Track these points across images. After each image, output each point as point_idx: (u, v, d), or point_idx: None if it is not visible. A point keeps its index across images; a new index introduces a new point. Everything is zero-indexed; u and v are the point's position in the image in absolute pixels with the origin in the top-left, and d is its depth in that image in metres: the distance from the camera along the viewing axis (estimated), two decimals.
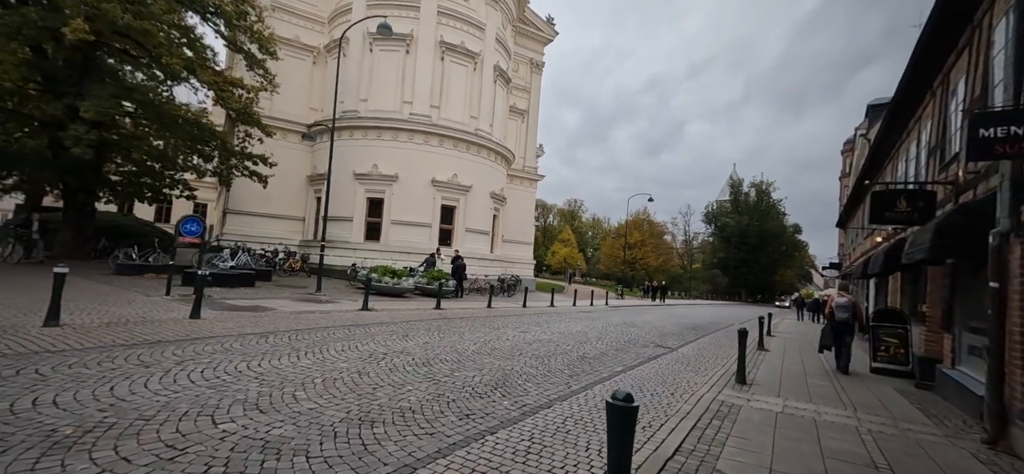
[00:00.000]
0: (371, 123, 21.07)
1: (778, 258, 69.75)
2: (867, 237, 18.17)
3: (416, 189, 21.22)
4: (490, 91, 23.83)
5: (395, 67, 21.49)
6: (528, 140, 30.87)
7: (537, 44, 30.94)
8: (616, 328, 13.40)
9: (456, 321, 11.17)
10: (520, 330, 10.56)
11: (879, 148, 14.04)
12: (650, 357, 8.93)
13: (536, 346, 8.60)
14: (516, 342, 8.79)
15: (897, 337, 9.44)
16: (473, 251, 22.64)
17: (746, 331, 7.46)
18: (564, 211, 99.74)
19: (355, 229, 20.94)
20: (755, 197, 72.88)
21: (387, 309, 12.14)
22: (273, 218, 22.24)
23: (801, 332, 19.68)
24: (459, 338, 8.53)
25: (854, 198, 22.09)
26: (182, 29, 12.74)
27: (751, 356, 10.26)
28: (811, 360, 10.73)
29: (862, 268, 13.67)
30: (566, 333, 10.99)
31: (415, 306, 13.47)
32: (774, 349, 12.21)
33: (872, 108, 31.78)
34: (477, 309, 14.85)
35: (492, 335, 9.36)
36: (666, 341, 11.74)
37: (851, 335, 9.48)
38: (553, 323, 12.93)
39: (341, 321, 9.26)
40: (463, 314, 12.99)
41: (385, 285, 15.84)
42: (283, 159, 22.30)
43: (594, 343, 9.83)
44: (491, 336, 9.21)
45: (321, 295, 13.63)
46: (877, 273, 10.90)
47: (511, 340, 8.95)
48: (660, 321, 17.59)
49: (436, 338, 8.25)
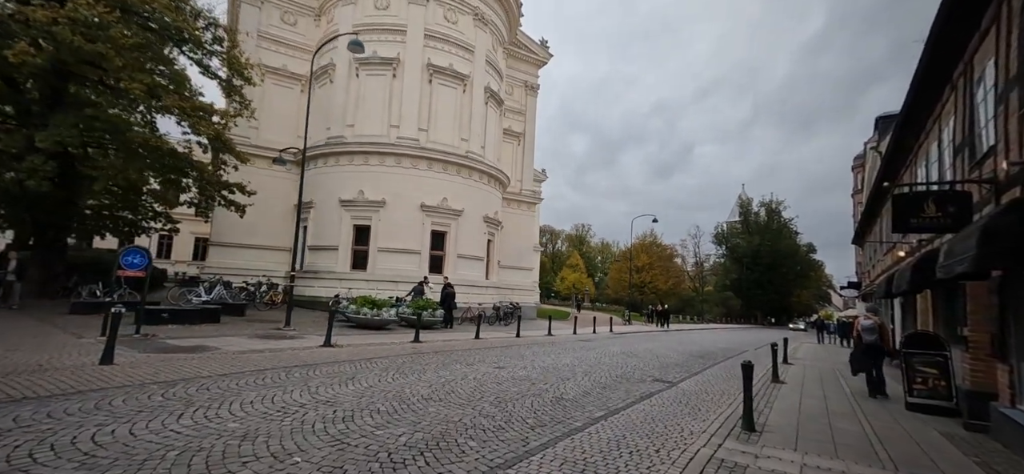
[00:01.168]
0: (356, 148, 20.41)
1: (793, 278, 67.34)
2: (888, 251, 16.72)
3: (404, 215, 20.34)
4: (481, 113, 23.17)
5: (382, 91, 20.96)
6: (525, 162, 30.08)
7: (531, 66, 30.52)
8: (612, 359, 12.08)
9: (428, 356, 9.99)
10: (497, 365, 9.34)
11: (893, 156, 12.85)
12: (643, 396, 7.64)
13: (506, 386, 7.37)
14: (483, 382, 7.57)
15: (936, 367, 8.02)
16: (466, 278, 21.54)
17: (751, 365, 6.18)
18: (572, 236, 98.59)
19: (341, 258, 20.02)
20: (765, 217, 71.09)
21: (355, 344, 11.01)
22: (258, 249, 21.45)
23: (822, 358, 18.03)
24: (416, 379, 7.35)
25: (870, 211, 20.68)
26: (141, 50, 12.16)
27: (763, 391, 8.89)
28: (835, 394, 9.30)
29: (886, 286, 12.27)
30: (551, 367, 9.73)
31: (390, 340, 12.32)
32: (791, 380, 10.78)
33: (882, 120, 30.58)
34: (461, 341, 13.64)
35: (459, 373, 8.16)
36: (667, 374, 10.39)
37: (881, 358, 9.33)
38: (541, 355, 11.67)
39: (288, 362, 8.15)
40: (442, 347, 11.79)
41: (364, 317, 14.75)
42: (270, 188, 21.70)
43: (579, 379, 8.56)
44: (457, 374, 8.01)
45: (289, 330, 12.57)
46: (904, 291, 9.55)
47: (478, 379, 7.73)
48: (665, 349, 16.16)
49: (386, 380, 7.08)
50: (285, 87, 22.54)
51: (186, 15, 13.87)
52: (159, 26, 13.26)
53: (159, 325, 11.21)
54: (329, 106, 21.42)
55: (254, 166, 21.42)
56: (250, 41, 21.65)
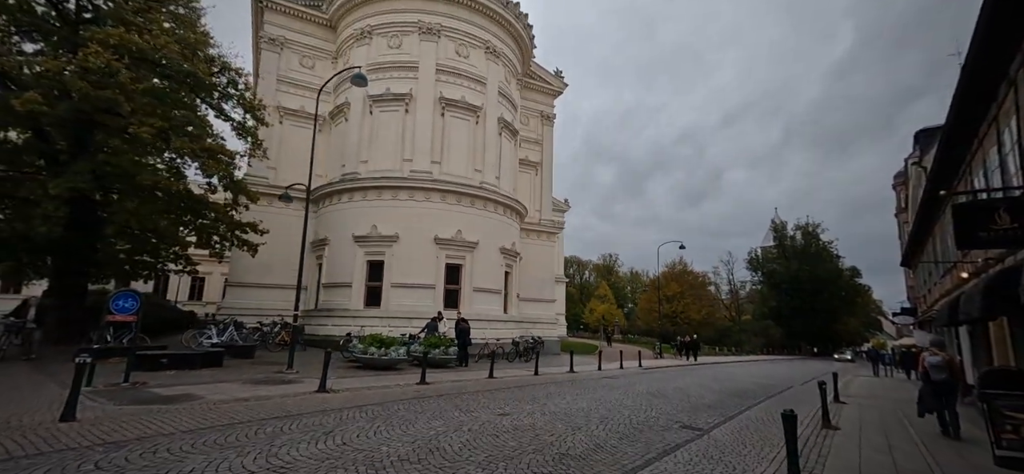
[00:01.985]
0: (370, 184, 20.30)
1: (838, 305, 63.09)
2: (947, 273, 14.94)
3: (418, 249, 19.89)
4: (495, 143, 22.85)
5: (395, 127, 20.98)
6: (543, 192, 29.47)
7: (547, 96, 30.33)
8: (636, 401, 10.87)
9: (429, 401, 9.13)
10: (501, 412, 8.38)
11: (942, 168, 11.46)
12: (666, 449, 6.53)
13: (504, 439, 6.43)
14: (479, 434, 6.65)
15: None
16: (483, 313, 20.72)
17: (794, 417, 5.06)
18: (599, 266, 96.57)
19: (354, 295, 19.62)
20: (802, 240, 67.60)
21: (354, 388, 10.29)
22: (275, 288, 21.36)
23: (879, 394, 16.03)
24: (402, 432, 6.50)
25: (919, 229, 18.84)
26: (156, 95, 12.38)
27: (812, 441, 7.57)
28: (902, 443, 7.85)
29: (949, 313, 10.70)
30: (563, 412, 8.69)
31: (396, 382, 11.54)
32: (846, 423, 9.30)
33: (922, 134, 28.65)
34: (472, 381, 12.72)
35: (454, 422, 7.26)
36: (697, 418, 9.14)
37: (954, 397, 8.63)
38: (556, 397, 10.60)
39: (269, 412, 7.48)
40: (448, 390, 10.91)
41: (371, 356, 14.08)
42: (287, 228, 21.75)
43: (593, 428, 7.49)
44: (452, 424, 7.12)
45: (290, 373, 12.00)
46: (973, 319, 8.13)
47: (474, 431, 6.82)
48: (697, 387, 14.70)
49: (366, 436, 6.27)
50: (303, 128, 22.91)
51: (201, 60, 14.19)
52: (176, 72, 13.56)
53: (156, 371, 10.84)
54: (344, 144, 21.58)
55: (272, 206, 21.66)
56: (269, 85, 22.29)
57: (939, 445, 7.94)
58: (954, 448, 7.94)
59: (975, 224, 5.63)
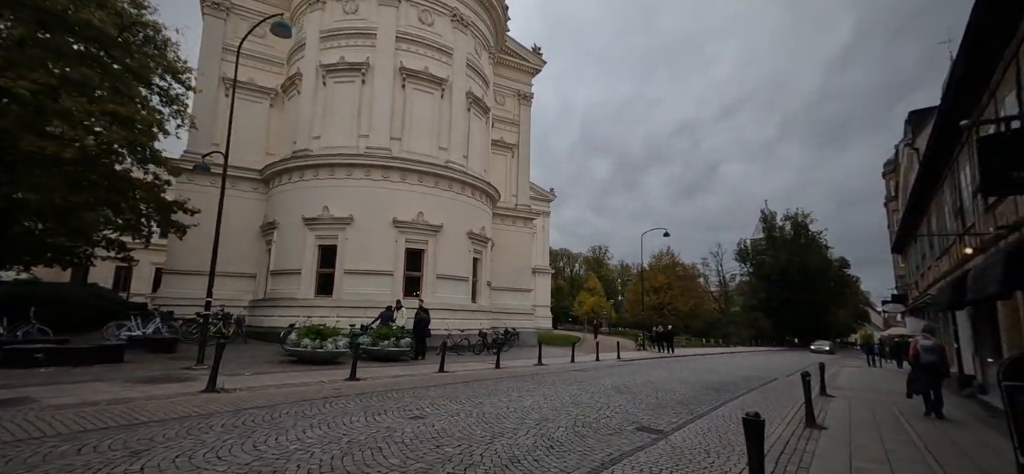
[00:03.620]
0: (322, 161, 18.57)
1: (827, 296, 62.31)
2: (944, 254, 13.63)
3: (375, 232, 18.24)
4: (463, 120, 21.20)
5: (351, 100, 19.24)
6: (520, 176, 27.88)
7: (524, 74, 28.66)
8: (595, 398, 9.40)
9: (337, 402, 7.58)
10: (414, 415, 6.84)
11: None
12: (606, 461, 5.05)
13: (387, 453, 4.89)
14: (360, 447, 5.11)
15: None
16: (448, 302, 19.18)
17: (760, 423, 3.57)
18: (589, 259, 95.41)
19: (304, 283, 17.94)
20: (791, 231, 66.66)
21: (259, 387, 8.70)
22: (221, 276, 19.49)
23: (869, 386, 14.72)
24: (252, 447, 4.94)
25: (913, 209, 17.56)
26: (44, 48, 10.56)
27: (794, 443, 6.14)
28: (900, 446, 6.45)
29: (952, 294, 9.33)
30: (494, 414, 7.18)
31: (320, 378, 9.95)
32: (834, 422, 7.90)
33: (914, 115, 27.42)
34: (415, 377, 11.18)
35: (341, 432, 5.72)
36: (659, 418, 7.68)
37: (941, 379, 9.15)
38: (501, 394, 9.10)
39: (118, 419, 5.91)
40: (375, 388, 9.36)
41: (304, 349, 12.47)
42: (233, 210, 19.97)
43: (520, 436, 5.99)
44: (337, 433, 5.58)
45: (198, 368, 10.37)
46: (989, 295, 6.72)
47: (358, 442, 5.27)
48: (672, 381, 13.30)
49: (195, 455, 4.71)
50: (253, 102, 21.11)
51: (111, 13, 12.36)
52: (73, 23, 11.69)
53: (32, 369, 9.16)
54: (296, 118, 19.82)
55: (214, 186, 19.84)
56: (213, 54, 20.43)
57: (946, 452, 6.54)
58: (956, 444, 6.59)
59: (1009, 162, 4.17)
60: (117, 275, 31.66)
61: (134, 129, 12.35)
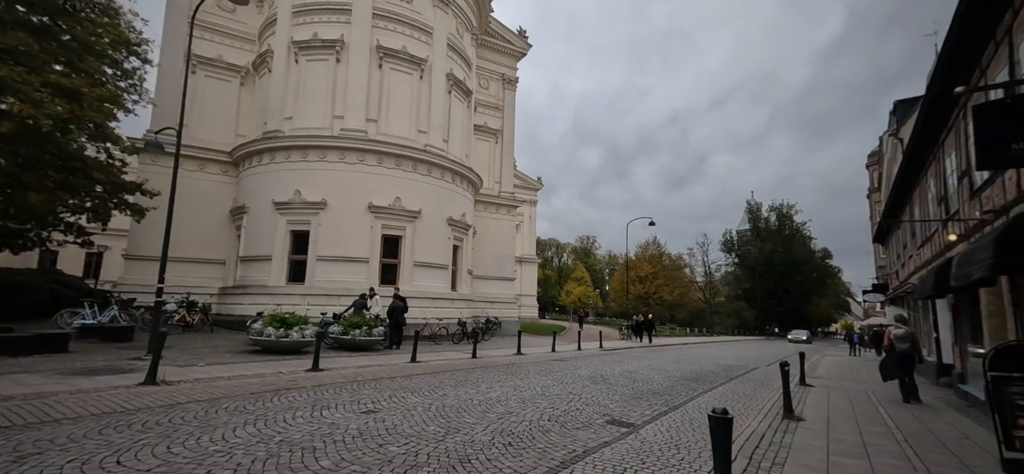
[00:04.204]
0: (294, 143, 17.78)
1: (810, 286, 63.16)
2: (926, 242, 13.47)
3: (349, 217, 17.58)
4: (443, 102, 20.50)
5: (324, 79, 18.41)
6: (504, 162, 27.31)
7: (509, 58, 27.95)
8: (568, 388, 9.00)
9: (288, 395, 7.05)
10: (368, 409, 6.36)
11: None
12: (568, 459, 4.62)
13: (320, 454, 4.41)
14: (290, 446, 4.62)
15: None
16: (426, 290, 18.65)
17: (727, 419, 3.14)
18: (577, 249, 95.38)
19: (275, 270, 17.24)
20: (776, 222, 67.25)
21: (209, 378, 8.11)
22: (185, 262, 18.77)
23: (849, 375, 14.61)
24: (167, 448, 4.41)
25: (896, 199, 17.43)
26: None
27: (771, 436, 5.79)
28: (880, 441, 6.15)
29: (934, 281, 9.09)
30: (456, 408, 6.73)
31: (280, 370, 9.39)
32: (812, 413, 7.61)
33: (900, 104, 27.38)
34: (384, 367, 10.67)
35: (274, 430, 5.21)
36: (631, 410, 7.30)
37: (913, 365, 9.61)
38: (469, 386, 8.65)
39: (27, 418, 5.30)
40: (337, 380, 8.83)
41: (267, 339, 11.86)
42: (200, 194, 19.17)
43: (478, 432, 5.54)
44: (270, 432, 5.07)
45: (144, 358, 9.71)
46: (975, 280, 6.42)
47: (290, 442, 4.77)
48: (650, 371, 13.00)
49: (89, 468, 4.16)
50: (221, 80, 20.14)
51: None
52: None
53: None
54: (267, 98, 18.94)
55: (181, 169, 18.92)
56: (178, 28, 19.37)
57: (927, 444, 6.27)
58: (935, 436, 6.33)
59: (1008, 131, 3.76)
60: (87, 262, 30.41)
61: (81, 104, 11.47)
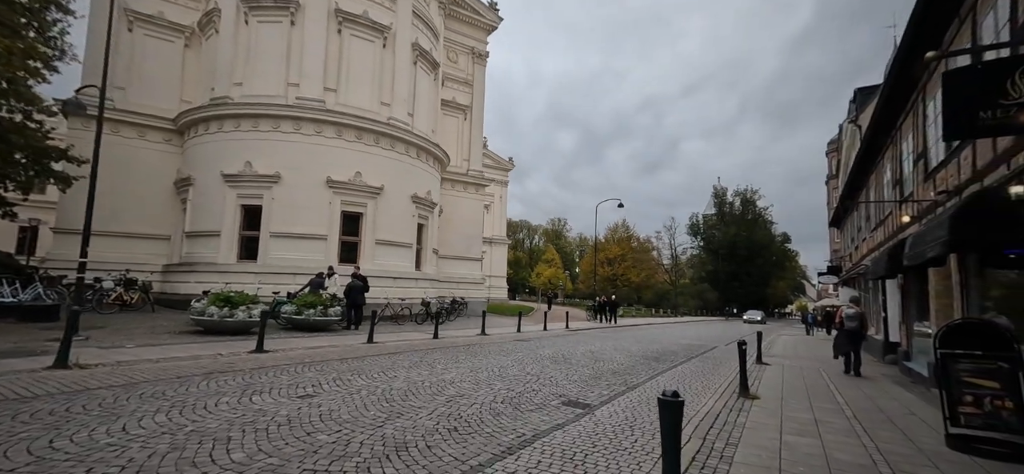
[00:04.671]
0: (245, 111, 16.59)
1: (769, 269, 65.72)
2: (880, 225, 13.88)
3: (306, 192, 16.64)
4: (408, 74, 19.58)
5: (278, 43, 17.17)
6: (473, 139, 26.61)
7: (479, 31, 27.01)
8: (527, 368, 8.75)
9: (219, 378, 6.47)
10: (306, 394, 5.88)
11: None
12: (514, 444, 4.33)
13: (235, 445, 3.93)
14: (211, 436, 4.12)
15: (996, 378, 4.91)
16: (389, 269, 18.02)
17: (677, 403, 2.85)
18: (548, 231, 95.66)
19: (224, 246, 16.20)
20: (741, 207, 69.28)
21: (144, 360, 7.39)
22: (129, 237, 17.42)
23: (803, 354, 15.05)
24: (49, 442, 3.83)
25: (853, 184, 17.94)
26: None
27: (727, 414, 5.68)
28: (830, 418, 6.16)
29: (887, 262, 9.27)
30: (404, 391, 6.34)
31: (218, 351, 8.71)
32: (767, 391, 7.64)
33: (860, 91, 28.25)
34: (338, 348, 10.12)
35: (185, 418, 4.68)
36: (589, 391, 7.10)
37: (860, 342, 10.47)
38: (423, 367, 8.26)
39: None
40: (282, 361, 8.26)
41: (210, 319, 11.07)
42: (141, 163, 17.75)
43: (422, 417, 5.17)
44: (183, 420, 4.54)
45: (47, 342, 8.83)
46: (929, 259, 6.45)
47: (205, 433, 4.27)
48: (612, 350, 12.96)
49: None
50: (163, 40, 18.51)
51: None
52: None
53: None
54: (214, 61, 17.55)
55: (119, 135, 17.47)
56: None
57: (875, 420, 6.33)
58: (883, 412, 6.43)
59: (977, 100, 3.57)
60: (21, 237, 27.95)
61: None
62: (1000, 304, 6.47)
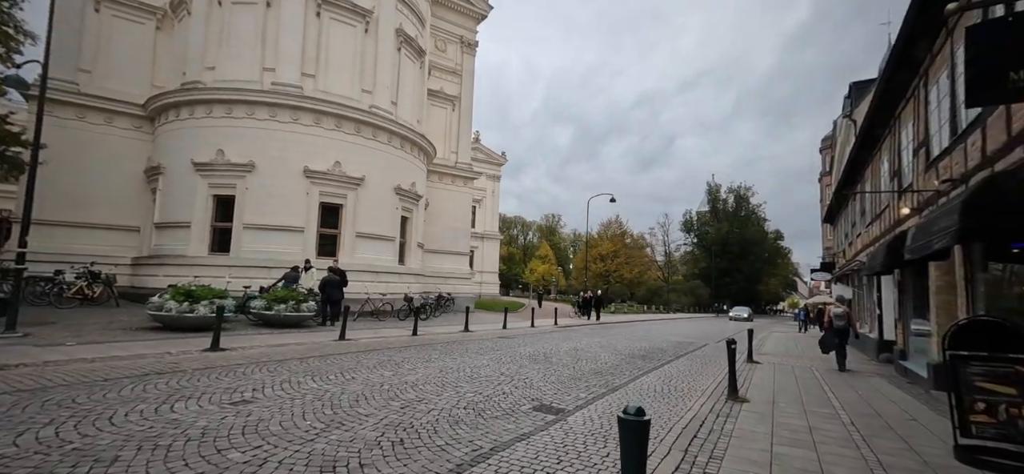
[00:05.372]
0: (217, 96, 15.79)
1: (761, 266, 65.62)
2: (876, 220, 13.40)
3: (282, 182, 15.91)
4: (391, 61, 18.85)
5: (252, 25, 16.36)
6: (461, 131, 25.90)
7: (468, 19, 26.26)
8: (502, 368, 8.16)
9: (154, 380, 5.82)
10: (243, 400, 5.26)
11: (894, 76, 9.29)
12: (465, 461, 3.72)
13: (135, 461, 3.30)
14: (90, 461, 3.49)
15: (1014, 383, 4.38)
16: (370, 263, 17.34)
17: (643, 423, 2.27)
18: (542, 227, 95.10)
19: (194, 238, 15.44)
20: (734, 203, 69.02)
21: (75, 360, 6.71)
22: (95, 228, 16.62)
23: (795, 352, 14.58)
24: None
25: (847, 179, 17.49)
26: None
27: (713, 420, 5.11)
28: (825, 424, 5.62)
29: (886, 255, 8.75)
30: (357, 394, 5.73)
31: (163, 351, 8.04)
32: (757, 392, 7.09)
33: (855, 86, 27.82)
34: (304, 345, 9.49)
35: (72, 437, 4.04)
36: (566, 394, 6.53)
37: (846, 338, 11.07)
38: (387, 366, 7.65)
39: None
40: (235, 361, 7.62)
41: (169, 314, 10.37)
42: (109, 150, 16.96)
43: (366, 429, 4.57)
44: (67, 438, 3.90)
45: (1, 337, 8.13)
46: (929, 253, 5.91)
47: (101, 447, 3.64)
48: (597, 348, 12.41)
49: None
50: (132, 21, 17.64)
51: None
52: None
53: None
54: (185, 44, 16.72)
55: (85, 121, 16.65)
56: None
57: (873, 427, 5.80)
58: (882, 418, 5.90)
59: (1005, 57, 3.00)
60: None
61: None
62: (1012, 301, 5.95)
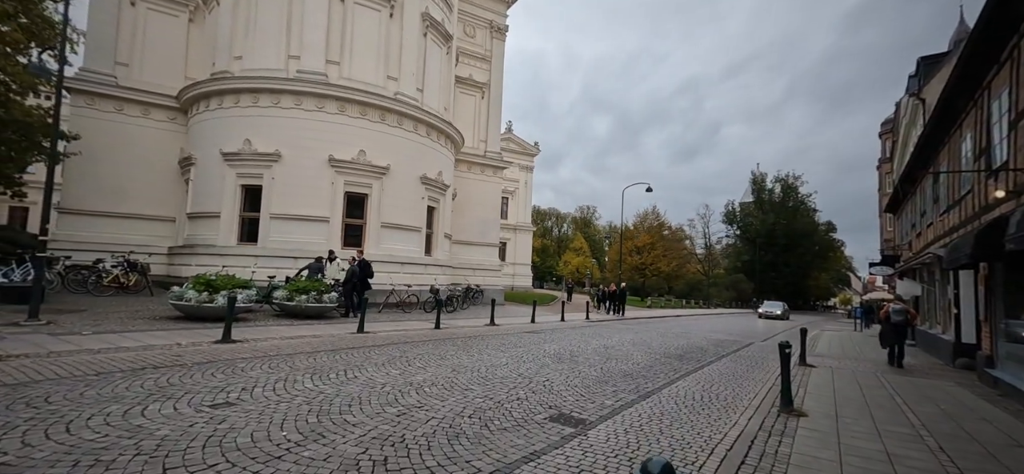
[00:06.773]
0: (243, 86, 15.82)
1: (810, 260, 61.60)
2: (955, 206, 11.68)
3: (307, 171, 15.81)
4: (416, 46, 18.38)
5: (277, 14, 16.27)
6: (491, 119, 25.26)
7: (497, 3, 25.47)
8: (522, 368, 7.47)
9: (151, 374, 5.52)
10: (223, 401, 4.82)
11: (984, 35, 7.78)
12: None
13: None
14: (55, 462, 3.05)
15: None
16: (395, 254, 17.08)
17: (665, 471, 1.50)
18: (577, 219, 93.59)
19: (223, 228, 15.60)
20: (781, 194, 65.04)
21: (83, 350, 6.57)
22: (134, 219, 17.15)
23: (853, 355, 13.05)
24: None
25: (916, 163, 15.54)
26: None
27: (760, 445, 4.21)
28: (905, 447, 4.58)
29: (974, 247, 7.38)
30: (351, 399, 5.21)
31: (174, 342, 7.87)
32: (816, 403, 6.05)
33: (924, 60, 25.07)
34: (318, 340, 9.17)
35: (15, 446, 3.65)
36: (589, 400, 5.77)
37: (904, 336, 11.23)
38: (399, 365, 7.14)
39: None
40: (242, 355, 7.31)
41: (189, 304, 10.32)
42: (146, 142, 17.41)
43: (349, 441, 4.00)
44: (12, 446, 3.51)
45: (24, 323, 8.20)
46: None
47: (38, 460, 3.21)
48: (629, 346, 11.50)
49: None
50: (167, 14, 18.00)
51: None
52: None
53: None
54: (215, 34, 16.88)
55: (123, 114, 17.14)
56: None
57: (969, 455, 4.70)
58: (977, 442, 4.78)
59: None
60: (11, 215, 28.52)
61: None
62: None
